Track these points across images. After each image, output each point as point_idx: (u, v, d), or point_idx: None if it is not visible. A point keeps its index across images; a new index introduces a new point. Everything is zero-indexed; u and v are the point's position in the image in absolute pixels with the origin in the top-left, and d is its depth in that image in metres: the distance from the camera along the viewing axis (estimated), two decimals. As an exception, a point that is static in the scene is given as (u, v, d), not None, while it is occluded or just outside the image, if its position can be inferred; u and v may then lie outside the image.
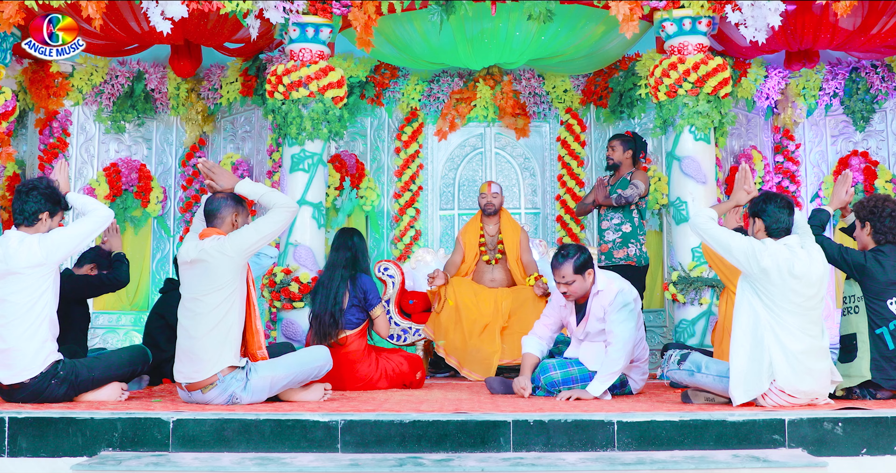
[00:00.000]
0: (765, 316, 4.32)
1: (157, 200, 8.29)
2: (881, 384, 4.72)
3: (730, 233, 4.48)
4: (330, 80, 6.71)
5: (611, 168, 7.06)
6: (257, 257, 5.35)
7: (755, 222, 4.61)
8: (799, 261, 4.31)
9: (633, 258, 6.78)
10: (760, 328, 4.32)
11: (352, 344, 5.74)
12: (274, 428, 3.86)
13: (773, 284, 4.30)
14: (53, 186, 4.73)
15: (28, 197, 4.62)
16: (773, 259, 4.30)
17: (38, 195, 4.62)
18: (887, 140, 8.15)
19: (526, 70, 8.34)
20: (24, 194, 4.63)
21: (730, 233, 4.50)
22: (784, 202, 4.52)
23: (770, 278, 4.30)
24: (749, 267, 4.35)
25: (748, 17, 6.32)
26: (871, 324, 4.79)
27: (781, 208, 4.50)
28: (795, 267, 4.29)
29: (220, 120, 8.51)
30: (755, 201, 4.66)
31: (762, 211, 4.55)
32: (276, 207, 4.62)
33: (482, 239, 7.19)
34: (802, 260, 4.33)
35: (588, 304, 5.19)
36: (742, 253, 4.37)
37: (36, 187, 4.65)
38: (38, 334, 4.51)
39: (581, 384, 5.07)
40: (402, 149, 8.42)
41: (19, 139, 7.90)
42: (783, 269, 4.29)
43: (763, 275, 4.31)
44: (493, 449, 3.81)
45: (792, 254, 4.33)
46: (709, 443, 3.84)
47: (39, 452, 3.85)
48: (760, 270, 4.30)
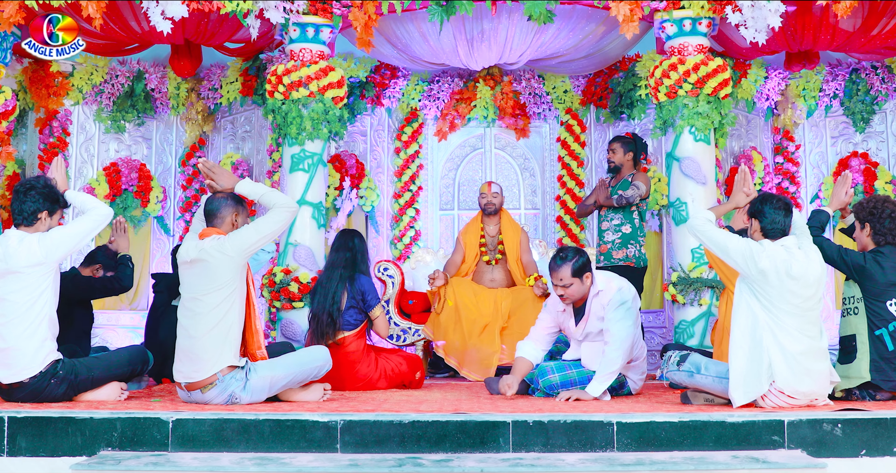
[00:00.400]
0: (763, 317, 4.33)
1: (156, 200, 8.28)
2: (880, 385, 4.72)
3: (727, 235, 4.49)
4: (330, 80, 6.71)
5: (612, 170, 7.07)
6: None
7: (752, 223, 4.61)
8: (796, 262, 4.32)
9: (632, 259, 6.78)
10: (759, 329, 4.32)
11: (350, 345, 5.75)
12: (273, 428, 3.87)
13: (770, 285, 4.30)
14: (51, 185, 4.72)
15: (26, 197, 4.62)
16: (770, 260, 4.30)
17: (36, 194, 4.62)
18: (887, 141, 8.14)
19: (526, 70, 8.34)
20: (22, 194, 4.63)
21: (727, 234, 4.50)
22: (781, 203, 4.52)
23: (768, 279, 4.30)
24: (747, 268, 4.35)
25: (748, 19, 6.32)
26: (871, 326, 4.80)
27: (778, 209, 4.50)
28: (793, 269, 4.29)
29: (220, 119, 8.51)
30: (753, 202, 4.66)
31: (759, 212, 4.55)
32: (275, 207, 4.62)
33: (482, 240, 7.19)
34: (800, 261, 4.34)
35: (587, 305, 5.18)
36: (739, 255, 4.38)
37: (34, 187, 4.65)
38: (37, 333, 4.51)
39: (580, 386, 5.07)
40: (402, 149, 8.42)
41: (19, 138, 7.89)
42: (781, 270, 4.29)
43: (761, 277, 4.31)
44: (493, 450, 3.82)
45: (789, 255, 4.33)
46: (708, 444, 3.84)
47: (39, 451, 3.85)
48: (758, 272, 4.31)
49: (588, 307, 5.17)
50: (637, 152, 7.04)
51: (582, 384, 5.07)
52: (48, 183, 4.72)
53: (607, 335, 5.06)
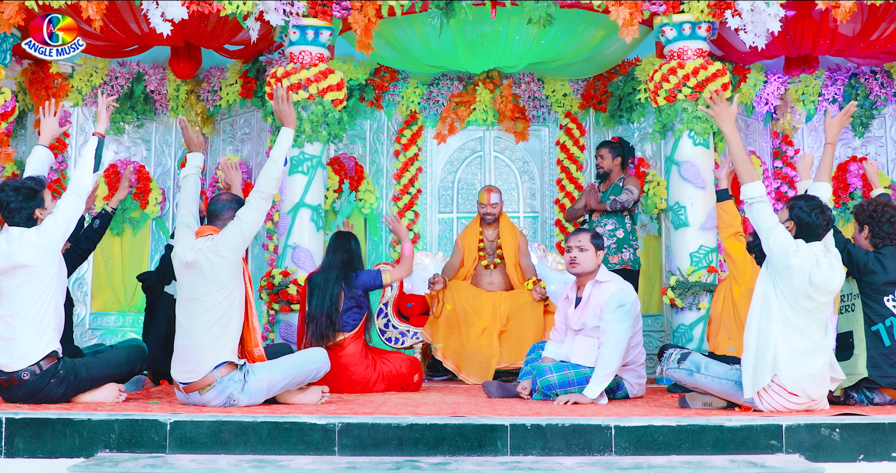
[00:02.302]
0: (777, 310, 4.31)
1: (155, 201, 8.28)
2: (877, 381, 4.73)
3: (776, 222, 4.40)
4: (329, 83, 6.71)
5: (601, 176, 7.10)
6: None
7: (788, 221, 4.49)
8: (820, 272, 4.29)
9: (628, 262, 6.84)
10: (770, 321, 4.31)
11: (349, 347, 5.74)
12: (271, 431, 3.86)
13: (792, 284, 4.27)
14: (18, 184, 4.68)
15: (11, 211, 4.62)
16: (801, 260, 4.28)
17: (16, 205, 4.62)
18: (886, 146, 8.16)
19: (525, 74, 8.34)
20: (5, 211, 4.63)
21: (777, 221, 4.41)
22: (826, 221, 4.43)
23: (792, 277, 4.27)
24: (779, 259, 4.30)
25: (748, 23, 6.33)
26: (868, 321, 4.81)
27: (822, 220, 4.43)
28: (815, 276, 4.27)
29: (219, 121, 8.51)
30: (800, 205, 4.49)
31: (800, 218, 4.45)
32: (253, 193, 4.64)
33: (481, 244, 7.18)
34: (824, 270, 4.30)
35: (587, 291, 5.29)
36: (778, 245, 4.31)
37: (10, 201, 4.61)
38: (42, 323, 4.55)
39: (578, 387, 5.07)
40: (401, 151, 8.42)
41: (18, 139, 7.89)
42: (805, 273, 4.27)
43: (787, 272, 4.28)
44: (491, 453, 3.82)
45: (815, 264, 4.30)
46: (706, 448, 3.84)
47: (36, 453, 3.85)
48: (786, 267, 4.28)
49: (588, 293, 5.27)
50: (625, 156, 7.08)
51: (580, 384, 5.09)
52: (16, 185, 4.66)
53: (603, 336, 5.10)
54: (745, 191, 4.49)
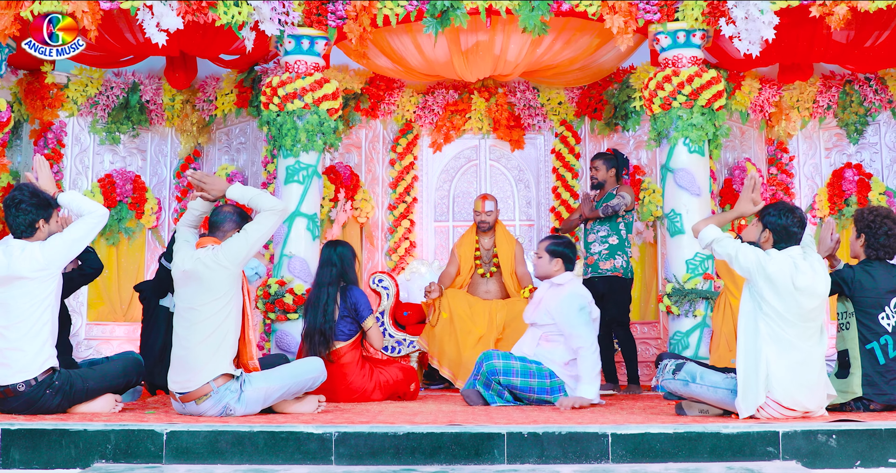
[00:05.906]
0: (764, 329, 4.30)
1: (151, 211, 8.28)
2: (874, 399, 4.72)
3: (735, 241, 4.42)
4: (325, 92, 6.72)
5: (595, 187, 7.11)
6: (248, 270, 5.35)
7: (764, 232, 4.52)
8: (801, 275, 4.29)
9: (620, 269, 6.81)
10: (759, 341, 4.29)
11: (345, 356, 5.74)
12: (268, 440, 3.85)
13: (777, 293, 4.26)
14: (38, 191, 4.67)
15: (18, 210, 4.60)
16: (777, 266, 4.27)
17: (26, 206, 4.60)
18: (881, 152, 8.18)
19: (520, 82, 8.36)
20: (13, 209, 4.60)
21: (735, 240, 4.44)
22: (796, 215, 4.43)
23: (776, 286, 4.25)
24: (757, 273, 4.29)
25: (742, 31, 6.35)
26: (862, 339, 4.79)
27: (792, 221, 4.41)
28: (797, 280, 4.27)
29: (215, 131, 8.51)
30: (767, 211, 4.50)
31: (772, 222, 4.44)
32: (263, 211, 4.61)
33: (477, 252, 7.19)
34: (805, 273, 4.30)
35: (541, 293, 5.55)
36: (748, 260, 4.31)
37: (22, 200, 4.61)
38: (39, 336, 4.52)
39: (526, 368, 5.35)
40: (396, 160, 8.43)
41: (14, 150, 7.89)
42: (787, 277, 4.26)
43: (768, 284, 4.26)
44: (488, 462, 3.81)
45: (794, 267, 4.30)
46: (703, 456, 3.84)
47: (32, 464, 3.83)
48: (766, 278, 4.26)
49: (542, 294, 5.52)
50: (619, 168, 7.08)
51: (525, 364, 5.36)
52: (34, 190, 4.68)
53: (576, 340, 5.28)
54: (707, 234, 4.54)
